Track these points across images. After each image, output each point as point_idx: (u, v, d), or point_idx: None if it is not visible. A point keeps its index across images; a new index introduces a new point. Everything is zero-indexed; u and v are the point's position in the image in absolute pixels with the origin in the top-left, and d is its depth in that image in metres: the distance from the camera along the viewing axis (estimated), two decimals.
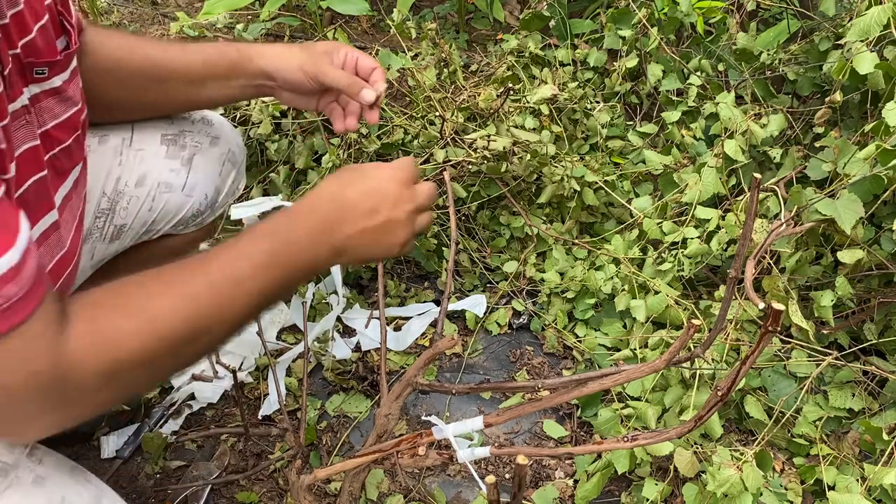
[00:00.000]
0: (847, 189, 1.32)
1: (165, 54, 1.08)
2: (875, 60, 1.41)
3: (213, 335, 0.75)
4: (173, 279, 0.73)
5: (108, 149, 1.13)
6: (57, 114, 0.86)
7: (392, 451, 0.96)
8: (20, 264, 0.61)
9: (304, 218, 0.82)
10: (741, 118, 1.65)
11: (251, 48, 1.11)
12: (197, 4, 2.92)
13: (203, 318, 0.73)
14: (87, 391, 0.66)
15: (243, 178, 1.33)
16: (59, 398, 0.65)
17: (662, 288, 1.55)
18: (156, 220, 1.17)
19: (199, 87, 1.11)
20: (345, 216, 0.83)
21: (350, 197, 0.84)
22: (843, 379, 1.42)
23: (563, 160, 1.81)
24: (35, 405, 0.64)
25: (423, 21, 2.34)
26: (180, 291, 0.72)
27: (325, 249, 0.82)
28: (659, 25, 2.00)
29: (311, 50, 1.10)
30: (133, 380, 0.70)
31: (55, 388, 0.64)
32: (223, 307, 0.74)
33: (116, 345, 0.67)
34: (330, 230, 0.82)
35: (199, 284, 0.73)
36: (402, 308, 1.75)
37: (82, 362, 0.65)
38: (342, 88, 1.08)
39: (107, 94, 1.06)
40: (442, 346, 0.99)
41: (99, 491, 0.76)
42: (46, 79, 0.83)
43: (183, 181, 1.17)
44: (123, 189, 1.13)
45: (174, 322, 0.71)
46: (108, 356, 0.67)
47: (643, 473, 1.36)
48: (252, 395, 1.55)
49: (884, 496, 1.27)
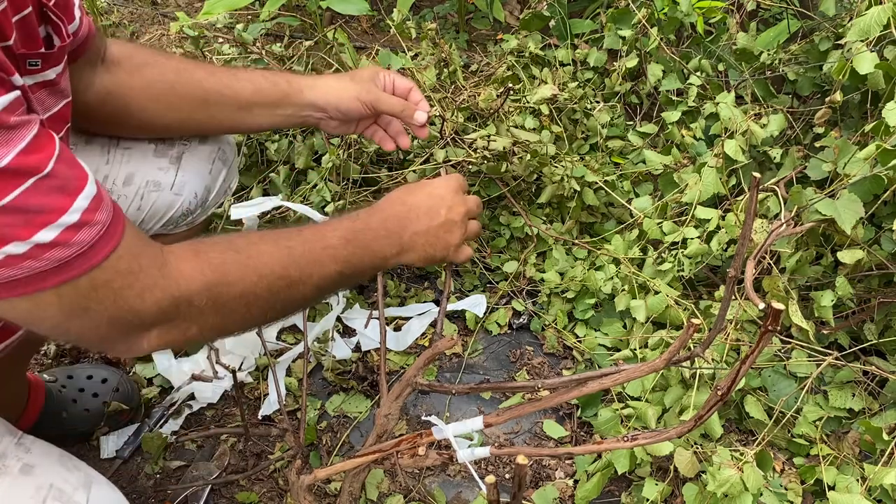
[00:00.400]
0: (847, 189, 1.31)
1: (215, 79, 1.11)
2: (875, 60, 1.41)
3: (302, 288, 0.86)
4: (272, 233, 0.86)
5: (95, 147, 1.13)
6: (49, 106, 0.86)
7: (392, 452, 0.96)
8: (99, 192, 0.69)
9: (378, 212, 0.96)
10: (741, 118, 1.65)
11: (302, 80, 1.15)
12: (197, 4, 2.92)
13: (295, 268, 0.84)
14: (197, 308, 0.75)
15: (235, 177, 1.33)
16: (174, 311, 0.73)
17: (662, 288, 1.55)
18: (145, 219, 1.17)
19: (246, 114, 1.14)
20: (409, 216, 0.97)
21: (413, 200, 0.99)
22: (844, 379, 1.42)
23: (563, 160, 1.81)
24: (152, 314, 0.72)
25: (423, 21, 2.34)
26: (279, 242, 0.84)
27: (394, 242, 0.96)
28: (659, 25, 2.00)
29: (359, 78, 1.16)
30: (234, 308, 0.79)
31: (168, 299, 0.72)
32: (312, 263, 0.86)
33: (221, 269, 0.77)
34: (399, 227, 0.96)
35: (294, 240, 0.86)
36: (402, 308, 1.75)
37: (189, 279, 0.74)
38: (397, 113, 1.16)
39: (159, 117, 1.10)
40: (441, 347, 0.99)
41: (88, 477, 0.78)
42: (40, 71, 0.83)
43: (172, 180, 1.16)
44: (111, 188, 1.13)
45: (272, 264, 0.82)
46: (214, 277, 0.76)
47: (643, 473, 1.36)
48: (252, 395, 1.55)
49: (884, 496, 1.27)
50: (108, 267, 0.68)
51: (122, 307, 0.70)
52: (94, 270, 0.67)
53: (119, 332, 0.72)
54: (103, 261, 0.67)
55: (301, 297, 0.87)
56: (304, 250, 0.85)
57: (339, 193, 1.77)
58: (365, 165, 1.83)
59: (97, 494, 0.76)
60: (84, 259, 0.66)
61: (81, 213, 0.66)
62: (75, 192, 0.66)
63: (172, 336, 0.75)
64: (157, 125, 1.12)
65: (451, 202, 1.00)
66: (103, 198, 0.69)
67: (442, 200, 0.99)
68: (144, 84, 1.07)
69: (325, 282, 0.88)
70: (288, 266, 0.83)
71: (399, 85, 1.19)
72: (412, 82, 1.20)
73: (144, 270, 0.71)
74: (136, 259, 0.70)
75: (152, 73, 1.08)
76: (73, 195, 0.65)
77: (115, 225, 0.69)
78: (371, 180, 1.82)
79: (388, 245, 0.95)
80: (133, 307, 0.71)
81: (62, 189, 0.65)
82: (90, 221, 0.66)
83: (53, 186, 0.64)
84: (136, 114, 1.08)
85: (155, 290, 0.71)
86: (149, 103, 1.08)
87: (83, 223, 0.66)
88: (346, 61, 1.90)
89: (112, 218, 0.69)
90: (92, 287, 0.68)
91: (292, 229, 0.88)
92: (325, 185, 1.79)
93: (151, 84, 1.07)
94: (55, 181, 0.64)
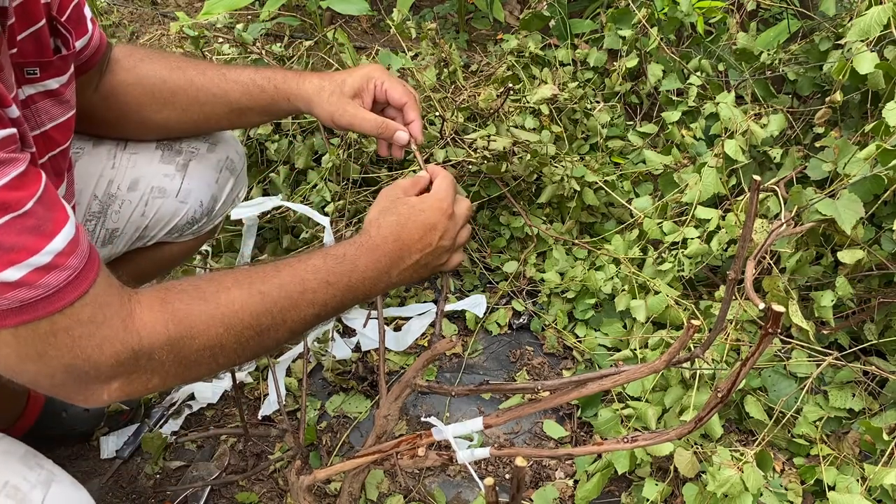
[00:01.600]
0: (847, 189, 1.31)
1: (205, 77, 1.09)
2: (875, 60, 1.41)
3: (274, 334, 0.82)
4: (246, 277, 0.81)
5: (102, 151, 1.13)
6: (54, 116, 0.86)
7: (392, 452, 0.96)
8: (76, 236, 0.68)
9: (369, 252, 0.90)
10: (741, 118, 1.65)
11: (288, 85, 1.10)
12: (197, 4, 2.92)
13: (268, 315, 0.80)
14: (158, 361, 0.73)
15: (244, 186, 1.31)
16: (134, 364, 0.71)
17: (662, 288, 1.55)
18: (149, 225, 1.16)
19: (239, 115, 1.13)
20: (402, 254, 0.92)
21: (407, 235, 0.92)
22: (844, 379, 1.42)
23: (563, 160, 1.81)
24: (110, 369, 0.70)
25: (423, 21, 2.34)
26: (251, 288, 0.80)
27: (382, 280, 0.91)
28: (659, 25, 2.00)
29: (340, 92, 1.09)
30: (200, 360, 0.76)
31: (128, 353, 0.70)
32: (287, 309, 0.82)
33: (186, 322, 0.74)
34: (389, 265, 0.91)
35: (269, 283, 0.81)
36: (402, 308, 1.75)
37: (152, 332, 0.72)
38: (373, 135, 1.10)
39: (154, 113, 1.09)
40: (441, 348, 0.99)
41: (49, 475, 0.77)
42: (39, 79, 0.83)
43: (177, 187, 1.16)
44: (115, 192, 1.13)
45: (243, 313, 0.78)
46: (178, 330, 0.73)
47: (643, 474, 1.36)
48: (252, 395, 1.55)
49: (884, 496, 1.27)
50: (70, 313, 0.67)
51: (79, 356, 0.68)
52: (56, 315, 0.66)
53: (75, 382, 0.70)
54: (67, 307, 0.66)
55: (273, 342, 0.83)
56: (278, 296, 0.81)
57: (339, 193, 1.77)
58: (365, 165, 1.83)
59: (56, 493, 0.75)
60: (48, 302, 0.65)
61: (54, 255, 0.65)
62: (51, 234, 0.65)
63: (134, 388, 0.73)
64: (155, 122, 1.11)
65: (444, 228, 0.95)
66: (80, 243, 0.68)
67: (434, 230, 0.94)
68: (138, 79, 1.07)
69: (300, 325, 0.85)
70: (259, 314, 0.79)
71: (393, 97, 1.11)
72: (409, 96, 1.11)
73: (107, 321, 0.69)
74: (101, 309, 0.69)
75: (146, 68, 1.08)
76: (47, 237, 0.65)
77: (87, 271, 0.68)
78: (371, 180, 1.82)
79: (374, 283, 0.91)
80: (90, 357, 0.69)
81: (37, 229, 0.64)
82: (61, 265, 0.65)
83: (28, 226, 0.63)
84: (134, 111, 1.08)
85: (115, 343, 0.70)
86: (144, 98, 1.07)
87: (53, 266, 0.65)
88: (345, 61, 1.90)
89: (85, 264, 0.68)
90: (51, 332, 0.66)
91: (269, 269, 0.83)
92: (325, 185, 1.79)
93: (144, 79, 1.07)
94: (31, 220, 0.64)
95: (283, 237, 1.80)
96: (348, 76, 1.11)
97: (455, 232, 0.97)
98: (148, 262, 1.24)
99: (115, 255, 1.19)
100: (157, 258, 1.24)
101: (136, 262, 1.23)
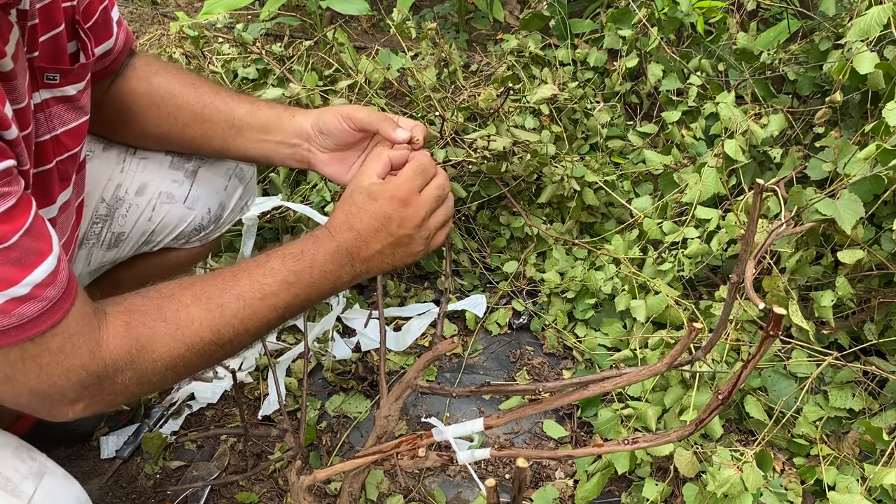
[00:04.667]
0: (847, 189, 1.31)
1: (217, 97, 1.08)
2: (875, 60, 1.41)
3: (237, 342, 0.83)
4: (204, 291, 0.81)
5: (112, 155, 1.13)
6: (66, 121, 0.86)
7: (392, 453, 0.96)
8: (56, 267, 0.69)
9: (325, 243, 0.89)
10: (741, 118, 1.65)
11: (295, 108, 1.10)
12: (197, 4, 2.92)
13: (229, 328, 0.81)
14: (121, 384, 0.75)
15: (253, 195, 1.30)
16: (97, 388, 0.73)
17: (662, 288, 1.55)
18: (155, 230, 1.16)
19: (237, 134, 1.09)
20: (359, 243, 0.90)
21: (360, 225, 0.90)
22: (844, 379, 1.42)
23: (563, 160, 1.81)
24: (75, 393, 0.72)
25: (423, 21, 2.34)
26: (210, 303, 0.80)
27: (346, 271, 0.90)
28: (659, 25, 2.00)
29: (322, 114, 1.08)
30: (162, 378, 0.78)
31: (93, 379, 0.72)
32: (248, 318, 0.82)
33: (148, 347, 0.76)
34: (349, 255, 0.89)
35: (227, 297, 0.81)
36: (402, 308, 1.75)
37: (116, 360, 0.74)
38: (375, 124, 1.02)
39: (155, 126, 1.09)
40: (441, 349, 0.99)
41: (42, 467, 0.78)
42: (58, 85, 0.83)
43: (185, 193, 1.15)
44: (123, 196, 1.12)
45: (202, 330, 0.79)
46: (141, 356, 0.75)
47: (643, 474, 1.36)
48: (252, 395, 1.55)
49: (884, 496, 1.27)
50: (41, 342, 0.68)
51: (45, 381, 0.70)
52: (27, 343, 0.67)
53: (40, 402, 0.73)
54: (38, 336, 0.67)
55: (237, 349, 0.84)
56: (237, 307, 0.81)
57: (339, 193, 1.77)
58: None
59: (48, 485, 0.76)
60: (20, 330, 0.66)
61: (32, 287, 0.66)
62: (32, 266, 0.66)
63: (98, 406, 0.75)
64: (153, 134, 1.10)
65: (401, 216, 0.91)
66: (59, 273, 0.69)
67: (389, 220, 0.90)
68: (149, 90, 1.06)
69: (263, 329, 0.85)
70: (220, 328, 0.80)
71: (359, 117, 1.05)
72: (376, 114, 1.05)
73: (75, 351, 0.71)
74: (71, 339, 0.70)
75: (160, 81, 1.07)
76: (28, 269, 0.66)
77: (63, 302, 0.69)
78: None
79: (337, 276, 0.89)
80: (56, 383, 0.71)
81: (19, 261, 0.65)
82: (38, 296, 0.66)
83: (11, 258, 0.64)
84: (136, 119, 1.08)
85: (80, 371, 0.71)
86: (148, 110, 1.07)
87: (30, 297, 0.66)
88: (345, 61, 1.90)
89: (62, 294, 0.69)
90: (21, 358, 0.68)
91: (228, 277, 0.83)
92: (325, 185, 1.79)
93: (155, 90, 1.07)
94: (15, 253, 0.65)
95: (283, 237, 1.80)
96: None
97: (419, 219, 0.92)
98: (153, 267, 1.23)
99: (120, 259, 1.19)
100: (163, 264, 1.24)
101: (141, 267, 1.23)
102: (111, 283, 1.22)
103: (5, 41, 0.68)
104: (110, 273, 1.22)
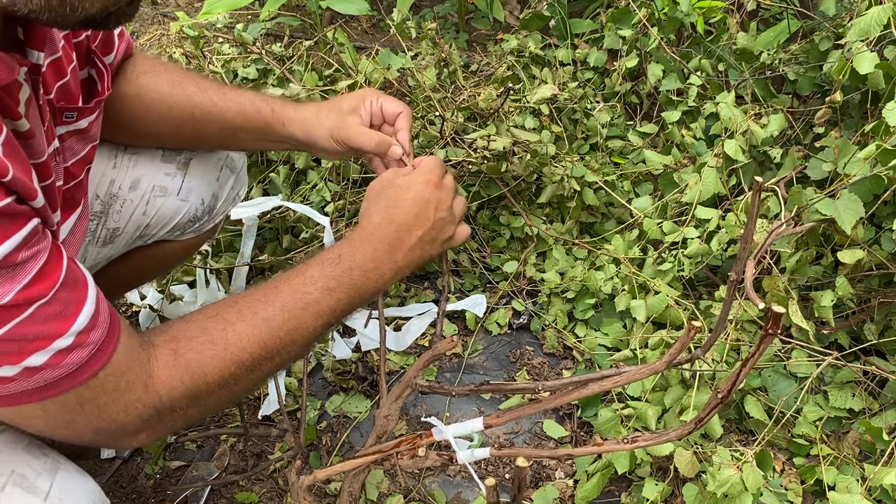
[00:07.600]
0: (847, 189, 1.31)
1: (203, 95, 1.08)
2: (875, 60, 1.41)
3: (286, 354, 0.83)
4: (248, 306, 0.81)
5: (104, 152, 1.12)
6: (77, 151, 0.87)
7: (392, 452, 0.96)
8: (97, 309, 0.68)
9: (365, 243, 0.89)
10: (741, 118, 1.65)
11: (286, 110, 1.09)
12: (197, 4, 2.92)
13: (276, 340, 0.81)
14: (178, 411, 0.77)
15: (244, 185, 1.31)
16: (156, 419, 0.75)
17: (662, 288, 1.55)
18: (150, 224, 1.16)
19: (231, 136, 1.11)
20: (401, 234, 0.91)
21: (400, 215, 0.91)
22: (844, 379, 1.42)
23: (563, 160, 1.81)
24: (135, 426, 0.74)
25: (423, 21, 2.34)
26: (255, 318, 0.80)
27: (388, 268, 0.90)
28: (659, 25, 2.00)
29: (339, 109, 1.08)
30: (216, 399, 0.79)
31: (151, 411, 0.73)
32: (294, 329, 0.82)
33: (199, 371, 0.76)
34: (390, 251, 0.90)
35: (271, 310, 0.81)
36: (402, 308, 1.75)
37: (170, 389, 0.74)
38: (371, 151, 1.06)
39: (147, 126, 1.09)
40: (441, 349, 0.99)
41: (55, 463, 0.78)
42: (75, 121, 0.84)
43: (178, 185, 1.16)
44: (117, 192, 1.12)
45: (250, 347, 0.79)
46: (193, 381, 0.76)
47: (643, 473, 1.36)
48: (252, 395, 1.55)
49: (884, 496, 1.27)
50: (94, 385, 0.68)
51: (105, 420, 0.71)
52: (81, 388, 0.68)
53: (104, 439, 0.75)
54: (90, 379, 0.68)
55: (287, 359, 0.85)
56: (282, 319, 0.81)
57: (339, 193, 1.77)
58: (364, 165, 1.83)
59: (63, 480, 0.76)
60: (71, 378, 0.66)
61: (76, 336, 0.65)
62: (73, 316, 0.66)
63: (158, 434, 0.77)
64: (147, 134, 1.11)
65: (438, 199, 0.93)
66: (100, 314, 0.69)
67: (427, 203, 0.92)
68: (137, 92, 1.06)
69: (311, 338, 0.85)
70: (267, 341, 0.80)
71: (388, 109, 1.08)
72: (405, 107, 1.08)
73: (130, 387, 0.71)
74: (123, 376, 0.71)
75: (147, 81, 1.07)
76: (70, 320, 0.65)
77: (109, 341, 0.69)
78: (371, 180, 1.82)
79: (380, 274, 0.90)
80: (116, 420, 0.72)
81: (60, 315, 0.64)
82: (83, 343, 0.66)
83: (52, 313, 0.64)
84: (128, 121, 1.07)
85: (138, 405, 0.72)
86: (140, 112, 1.07)
87: (76, 345, 0.66)
88: (345, 61, 1.90)
89: (106, 334, 0.69)
90: (78, 403, 0.69)
91: (269, 290, 0.83)
92: (325, 185, 1.79)
93: (144, 92, 1.06)
94: (54, 308, 0.64)
95: (283, 237, 1.80)
96: (345, 96, 1.10)
97: (449, 201, 0.95)
98: (149, 260, 1.24)
99: (116, 254, 1.19)
100: (158, 256, 1.24)
101: (136, 260, 1.23)
102: (106, 279, 1.22)
103: (17, 102, 0.67)
104: (105, 268, 1.22)
